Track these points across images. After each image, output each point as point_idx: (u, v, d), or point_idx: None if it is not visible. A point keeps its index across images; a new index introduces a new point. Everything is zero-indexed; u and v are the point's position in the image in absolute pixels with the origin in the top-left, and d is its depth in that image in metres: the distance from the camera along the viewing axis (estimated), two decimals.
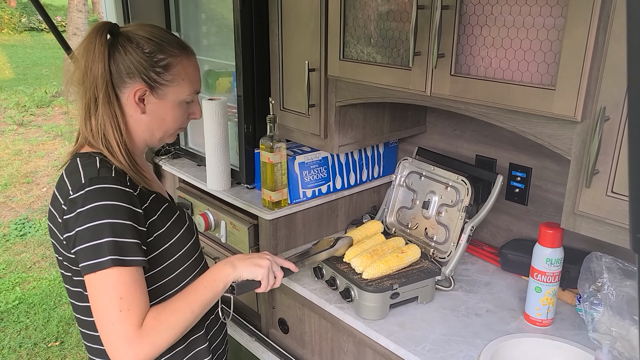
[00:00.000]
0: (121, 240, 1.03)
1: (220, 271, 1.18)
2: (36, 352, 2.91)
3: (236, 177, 1.99)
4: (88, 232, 1.02)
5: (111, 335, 1.02)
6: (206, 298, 1.14)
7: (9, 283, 3.55)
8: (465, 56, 1.24)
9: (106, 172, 1.09)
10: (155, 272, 1.15)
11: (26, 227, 4.31)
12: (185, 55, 1.18)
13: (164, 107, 1.16)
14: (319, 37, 1.58)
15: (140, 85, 1.12)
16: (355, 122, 1.73)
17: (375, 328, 1.41)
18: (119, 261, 1.02)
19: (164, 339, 1.07)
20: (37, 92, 8.31)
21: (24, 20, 15.54)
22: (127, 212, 1.05)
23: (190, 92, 1.19)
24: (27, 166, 5.49)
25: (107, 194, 1.05)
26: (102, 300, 1.02)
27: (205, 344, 1.25)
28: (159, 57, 1.13)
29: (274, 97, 1.80)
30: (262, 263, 1.24)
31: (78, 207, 1.04)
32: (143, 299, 1.05)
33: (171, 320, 1.07)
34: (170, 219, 1.20)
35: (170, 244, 1.18)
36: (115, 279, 1.02)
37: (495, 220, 1.81)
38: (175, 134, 1.25)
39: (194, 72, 1.20)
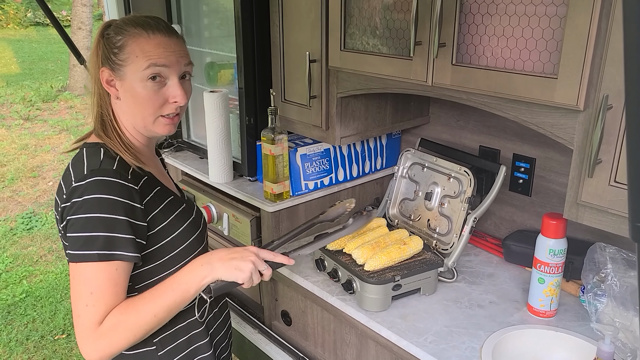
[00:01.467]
0: (112, 235, 1.04)
1: (195, 272, 1.10)
2: (43, 345, 2.93)
3: (238, 170, 1.98)
4: (79, 222, 1.04)
5: (76, 327, 1.05)
6: (174, 301, 1.08)
7: (16, 276, 3.58)
8: (467, 45, 1.23)
9: (108, 164, 1.09)
10: (155, 264, 1.16)
11: (33, 221, 4.34)
12: (144, 33, 1.12)
13: (129, 88, 1.13)
14: (319, 27, 1.57)
15: (103, 68, 1.14)
16: (357, 114, 1.71)
17: (377, 320, 1.41)
18: (106, 256, 1.03)
19: (123, 340, 1.05)
20: (43, 87, 8.34)
21: (29, 15, 15.56)
22: (124, 207, 1.06)
23: (146, 67, 1.11)
24: (33, 160, 5.52)
25: (106, 187, 1.05)
26: (75, 291, 1.05)
27: (206, 339, 1.25)
28: (116, 39, 1.13)
29: (275, 88, 1.79)
30: (244, 267, 1.11)
31: (75, 196, 1.05)
32: (113, 297, 1.04)
33: (131, 321, 1.05)
34: (173, 212, 1.20)
35: (172, 238, 1.18)
36: (91, 274, 1.03)
37: (498, 212, 1.80)
38: (164, 123, 1.17)
39: (152, 48, 1.12)
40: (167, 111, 1.17)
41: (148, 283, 1.15)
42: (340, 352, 1.59)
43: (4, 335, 3.00)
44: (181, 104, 1.17)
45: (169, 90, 1.15)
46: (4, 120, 6.82)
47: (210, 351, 1.26)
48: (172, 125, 1.19)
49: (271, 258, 1.18)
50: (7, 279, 3.55)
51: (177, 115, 1.20)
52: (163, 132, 1.19)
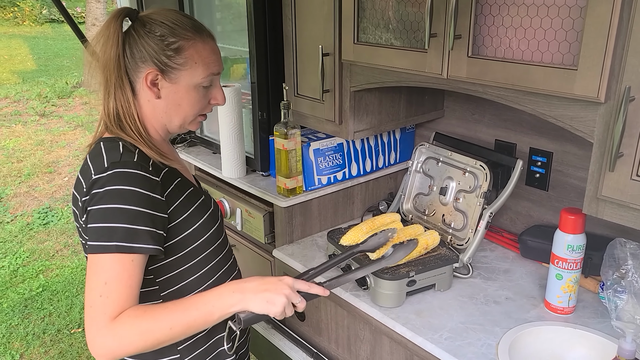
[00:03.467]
0: (132, 227, 1.02)
1: (224, 298, 1.04)
2: (59, 339, 2.97)
3: (251, 165, 1.98)
4: (100, 213, 1.03)
5: (87, 317, 1.01)
6: (194, 320, 1.02)
7: (33, 271, 3.62)
8: (483, 37, 1.20)
9: (129, 156, 1.09)
10: (177, 257, 1.15)
11: (49, 216, 4.38)
12: (199, 38, 1.14)
13: (178, 91, 1.14)
14: (332, 21, 1.55)
15: (151, 69, 1.11)
16: (371, 108, 1.70)
17: (391, 316, 1.39)
18: (124, 248, 1.01)
19: (132, 343, 1.00)
20: (59, 83, 8.41)
21: (44, 12, 15.72)
22: (145, 199, 1.05)
23: (205, 76, 1.15)
24: (49, 156, 5.57)
25: (127, 179, 1.04)
26: (90, 281, 1.02)
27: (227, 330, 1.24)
28: (170, 40, 1.11)
29: (287, 82, 1.77)
30: (277, 300, 1.03)
31: (96, 188, 1.04)
32: (127, 290, 1.01)
33: (145, 326, 1.00)
34: (194, 204, 1.19)
35: (192, 229, 1.17)
36: (106, 265, 1.01)
37: (514, 206, 1.77)
38: (198, 121, 1.22)
39: (209, 55, 1.15)
40: (207, 111, 1.23)
41: (170, 276, 1.15)
42: (354, 348, 1.58)
43: (21, 329, 3.03)
44: (222, 105, 1.23)
45: (212, 93, 1.20)
46: (20, 116, 6.90)
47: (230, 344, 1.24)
48: (201, 121, 1.25)
49: (306, 289, 1.10)
50: (24, 274, 3.59)
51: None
52: (193, 128, 1.25)
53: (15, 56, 11.01)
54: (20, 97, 7.71)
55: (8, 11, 15.55)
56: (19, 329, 3.03)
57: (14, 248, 3.91)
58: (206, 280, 1.21)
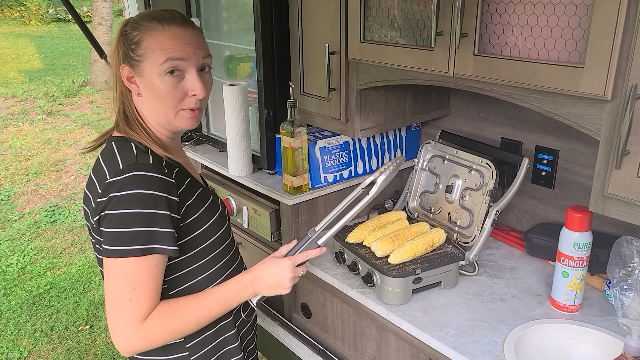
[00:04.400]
0: (154, 230, 1.04)
1: (241, 293, 1.17)
2: (67, 335, 2.99)
3: (257, 163, 1.98)
4: (119, 218, 1.03)
5: (115, 320, 1.05)
6: (217, 314, 1.15)
7: (41, 268, 3.65)
8: (489, 35, 1.21)
9: (144, 158, 1.09)
10: (186, 256, 1.16)
11: (56, 214, 4.41)
12: (159, 27, 1.11)
13: (148, 83, 1.12)
14: (338, 19, 1.56)
15: (123, 65, 1.14)
16: (377, 106, 1.70)
17: (397, 313, 1.40)
18: (147, 250, 1.03)
19: (161, 340, 1.09)
20: (65, 82, 8.46)
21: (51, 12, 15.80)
22: (163, 201, 1.05)
23: (163, 61, 1.10)
24: (56, 155, 5.61)
25: (146, 182, 1.05)
26: (116, 285, 1.04)
27: (233, 330, 1.26)
28: (132, 35, 1.12)
29: (294, 81, 1.78)
30: (285, 284, 1.19)
31: (113, 191, 1.04)
32: (154, 292, 1.06)
33: (174, 326, 1.09)
34: (204, 204, 1.20)
35: (203, 229, 1.18)
36: (133, 270, 1.03)
37: (520, 204, 1.77)
38: (186, 117, 1.17)
39: (168, 40, 1.10)
40: (187, 105, 1.15)
41: (179, 275, 1.16)
42: (360, 345, 1.59)
43: (29, 326, 3.06)
44: (200, 97, 1.15)
45: (188, 84, 1.13)
46: (27, 115, 6.94)
47: (237, 343, 1.27)
48: (194, 118, 1.18)
49: (304, 259, 1.22)
50: (31, 271, 3.62)
51: (198, 109, 1.18)
52: (186, 125, 1.18)
53: (22, 55, 11.07)
54: (27, 96, 7.76)
55: (15, 10, 15.63)
56: (27, 326, 3.06)
57: (22, 246, 3.94)
58: (214, 280, 1.23)
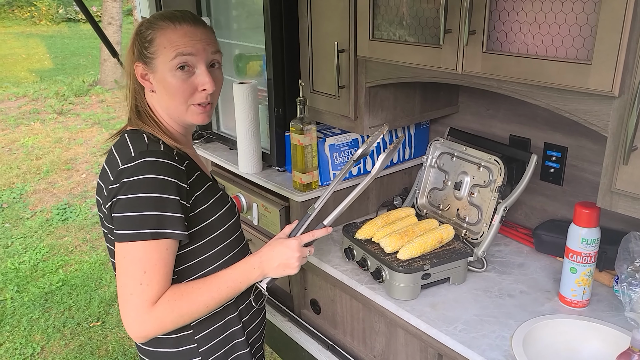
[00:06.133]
0: (163, 214, 1.06)
1: (248, 276, 1.20)
2: (79, 332, 3.03)
3: (267, 160, 2.01)
4: (130, 202, 1.06)
5: (126, 304, 1.07)
6: (226, 296, 1.17)
7: (53, 266, 3.69)
8: (497, 32, 1.22)
9: (155, 146, 1.13)
10: (196, 246, 1.18)
11: (67, 212, 4.46)
12: (171, 25, 1.15)
13: (161, 79, 1.16)
14: (348, 17, 1.57)
15: (137, 63, 1.18)
16: (386, 103, 1.71)
17: (406, 308, 1.42)
18: (157, 234, 1.06)
19: (172, 323, 1.11)
20: (75, 82, 8.54)
21: (61, 12, 15.93)
22: (174, 187, 1.08)
23: (173, 57, 1.14)
24: (67, 153, 5.67)
25: (156, 167, 1.08)
26: (127, 269, 1.07)
27: (239, 325, 1.28)
28: (146, 34, 1.17)
29: (303, 79, 1.80)
30: (292, 265, 1.22)
31: (125, 177, 1.07)
32: (165, 277, 1.09)
33: (184, 309, 1.11)
34: (213, 196, 1.23)
35: (213, 220, 1.21)
36: (143, 253, 1.06)
37: (529, 201, 1.78)
38: (197, 112, 1.20)
39: (179, 38, 1.15)
40: (198, 100, 1.19)
41: (188, 265, 1.18)
42: (370, 340, 1.60)
43: (42, 322, 3.10)
44: (210, 92, 1.18)
45: (198, 79, 1.17)
46: (38, 114, 7.02)
47: (244, 338, 1.29)
48: (204, 114, 1.21)
49: (310, 239, 1.27)
50: (43, 268, 3.67)
51: (209, 104, 1.21)
52: (197, 121, 1.21)
53: (32, 55, 11.18)
54: (38, 96, 7.84)
55: (25, 10, 15.77)
56: (40, 322, 3.10)
57: (34, 243, 3.99)
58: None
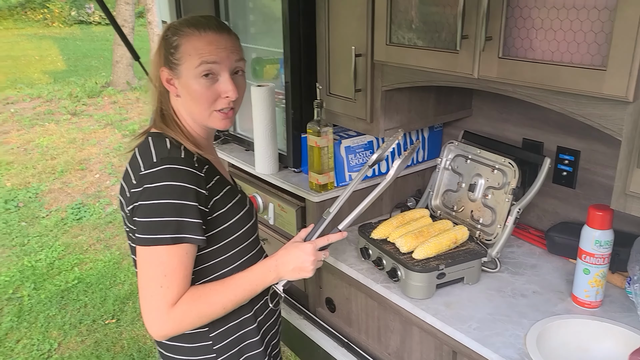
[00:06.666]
0: (183, 220, 1.10)
1: (265, 278, 1.23)
2: (95, 329, 3.08)
3: (283, 161, 2.05)
4: (151, 208, 1.10)
5: (147, 305, 1.12)
6: (242, 298, 1.20)
7: (68, 264, 3.75)
8: (514, 38, 1.25)
9: (176, 152, 1.16)
10: (212, 249, 1.22)
11: (82, 212, 4.52)
12: (196, 33, 1.18)
13: (185, 85, 1.19)
14: (365, 22, 1.61)
15: (163, 68, 1.21)
16: (401, 106, 1.75)
17: (421, 307, 1.45)
18: (177, 239, 1.10)
19: (190, 324, 1.15)
20: (88, 83, 8.64)
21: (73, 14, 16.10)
22: (193, 193, 1.12)
23: (198, 64, 1.17)
24: (81, 154, 5.74)
25: (176, 174, 1.12)
26: (148, 272, 1.12)
27: (254, 325, 1.32)
28: (172, 40, 1.19)
29: (320, 82, 1.84)
30: (307, 268, 1.24)
31: (146, 182, 1.11)
32: (184, 280, 1.13)
33: (202, 310, 1.15)
34: (231, 200, 1.26)
35: (229, 224, 1.24)
36: (164, 257, 1.10)
37: (541, 204, 1.80)
38: (219, 118, 1.23)
39: (204, 45, 1.17)
40: (221, 106, 1.22)
41: (204, 267, 1.22)
42: (384, 338, 1.64)
43: (59, 319, 3.16)
44: (232, 99, 1.21)
45: (221, 86, 1.20)
46: (52, 115, 7.11)
47: (258, 337, 1.32)
48: (227, 119, 1.24)
49: (325, 243, 1.27)
50: (59, 266, 3.73)
51: (231, 110, 1.24)
52: (219, 126, 1.25)
53: (45, 57, 11.32)
54: (52, 97, 7.94)
55: (38, 12, 15.97)
56: (57, 319, 3.16)
57: (50, 242, 4.06)
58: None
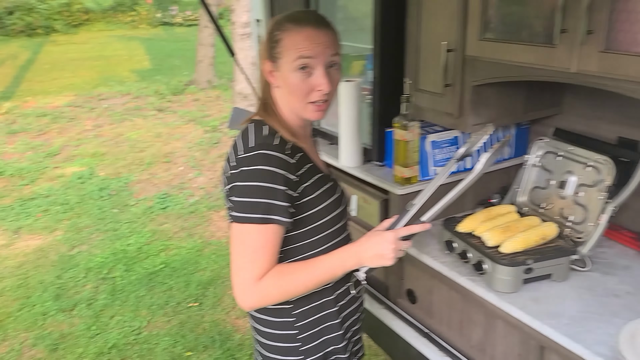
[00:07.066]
0: (272, 202, 1.19)
1: (344, 263, 1.26)
2: (179, 310, 3.27)
3: (367, 155, 2.10)
4: (245, 189, 1.20)
5: (236, 277, 1.22)
6: (322, 280, 1.26)
7: (155, 249, 4.00)
8: (617, 32, 1.23)
9: (271, 139, 1.25)
10: (298, 232, 1.30)
11: (167, 202, 4.80)
12: (296, 28, 1.25)
13: (283, 77, 1.27)
14: (457, 18, 1.63)
15: (265, 60, 1.30)
16: (490, 102, 1.75)
17: (508, 300, 1.45)
18: (265, 219, 1.19)
19: (273, 299, 1.24)
20: (172, 81, 9.11)
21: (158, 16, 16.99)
22: (282, 178, 1.20)
23: (294, 59, 1.22)
24: (166, 147, 6.08)
25: (269, 159, 1.21)
26: (239, 247, 1.22)
27: (334, 308, 1.37)
28: (274, 34, 1.27)
29: (408, 77, 1.87)
30: (387, 256, 1.25)
31: (243, 165, 1.22)
32: (270, 257, 1.21)
33: (285, 287, 1.23)
34: (321, 187, 1.33)
35: (318, 209, 1.31)
36: (252, 235, 1.20)
37: (635, 204, 1.74)
38: (312, 110, 1.29)
39: (302, 40, 1.23)
40: (314, 98, 1.28)
41: (291, 248, 1.30)
42: (467, 330, 1.65)
43: (147, 299, 3.38)
44: (325, 92, 1.27)
45: (315, 80, 1.26)
46: (140, 111, 7.57)
47: (339, 320, 1.38)
48: (320, 111, 1.30)
49: (407, 233, 1.28)
50: (147, 251, 3.98)
51: (325, 102, 1.30)
52: (313, 117, 1.32)
53: (133, 56, 12.02)
54: (140, 94, 8.45)
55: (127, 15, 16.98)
56: (146, 299, 3.38)
57: (139, 228, 4.34)
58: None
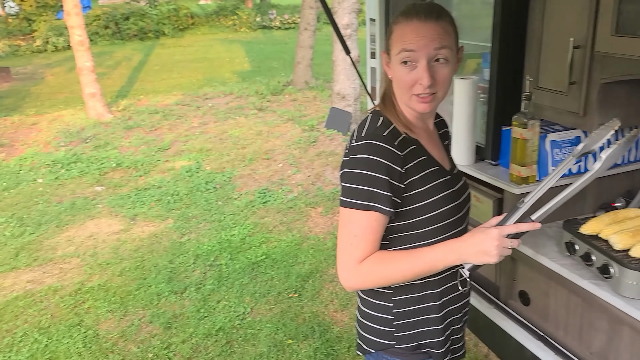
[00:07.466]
0: (374, 191, 1.24)
1: (446, 257, 1.25)
2: (280, 300, 3.41)
3: (480, 153, 2.08)
4: (351, 175, 1.26)
5: (339, 258, 1.29)
6: (421, 272, 1.28)
7: (257, 241, 4.19)
8: None
9: (382, 130, 1.30)
10: (404, 223, 1.32)
11: (267, 196, 5.00)
12: (405, 21, 1.27)
13: (393, 69, 1.31)
14: (587, 13, 1.58)
15: (383, 53, 1.35)
16: (619, 100, 1.68)
17: (637, 306, 1.39)
18: (366, 206, 1.24)
19: (371, 282, 1.29)
20: (271, 82, 9.44)
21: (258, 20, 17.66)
22: (386, 168, 1.24)
23: (399, 51, 1.25)
24: (266, 145, 6.33)
25: (375, 149, 1.26)
26: (343, 230, 1.28)
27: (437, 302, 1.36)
28: (390, 27, 1.31)
29: (529, 75, 1.84)
30: (491, 253, 1.20)
31: (352, 153, 1.28)
32: (371, 243, 1.26)
33: (384, 272, 1.27)
34: (432, 181, 1.33)
35: (425, 203, 1.31)
36: (355, 220, 1.26)
37: None
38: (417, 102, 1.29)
39: (407, 33, 1.24)
40: (417, 91, 1.29)
41: (398, 236, 1.32)
42: (587, 336, 1.59)
43: (250, 287, 3.56)
44: (425, 85, 1.26)
45: (417, 73, 1.27)
46: (242, 110, 7.92)
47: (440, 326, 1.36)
48: (425, 103, 1.30)
49: (514, 231, 1.22)
50: (249, 242, 4.18)
51: (430, 95, 1.29)
52: (419, 109, 1.32)
53: (234, 58, 12.60)
54: (241, 94, 8.84)
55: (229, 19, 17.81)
56: (249, 287, 3.56)
57: (241, 220, 4.57)
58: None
